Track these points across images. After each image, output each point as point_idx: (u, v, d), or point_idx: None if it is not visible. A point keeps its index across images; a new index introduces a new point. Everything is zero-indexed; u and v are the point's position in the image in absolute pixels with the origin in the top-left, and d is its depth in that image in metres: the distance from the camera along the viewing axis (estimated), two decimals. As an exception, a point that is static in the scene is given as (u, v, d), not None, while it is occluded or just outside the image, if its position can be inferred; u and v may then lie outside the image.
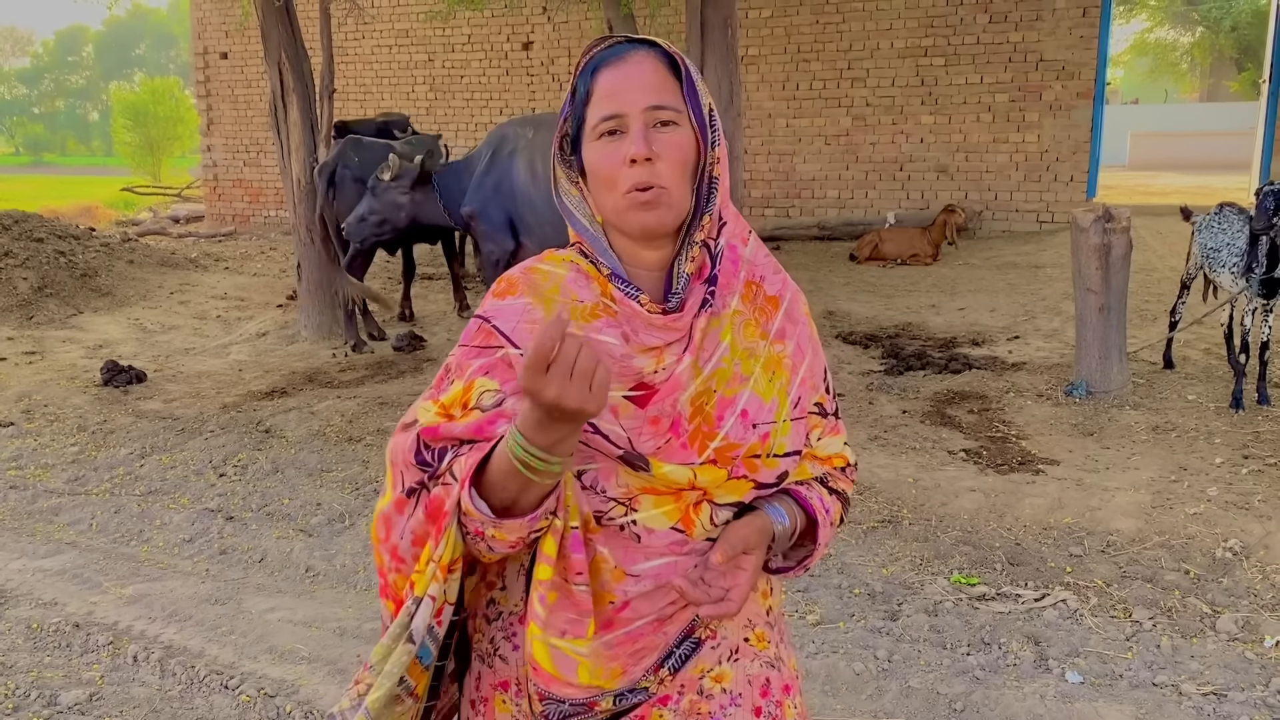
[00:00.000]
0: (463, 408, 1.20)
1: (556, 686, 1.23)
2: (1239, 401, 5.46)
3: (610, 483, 1.21)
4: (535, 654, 1.22)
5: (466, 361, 1.24)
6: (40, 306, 9.19)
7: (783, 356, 1.28)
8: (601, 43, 1.27)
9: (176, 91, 42.47)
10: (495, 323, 1.24)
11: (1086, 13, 10.79)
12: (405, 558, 1.22)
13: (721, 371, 1.23)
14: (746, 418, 1.23)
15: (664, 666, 1.25)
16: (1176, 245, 9.84)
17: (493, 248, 7.08)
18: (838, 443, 1.39)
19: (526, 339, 1.20)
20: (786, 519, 1.28)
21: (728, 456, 1.22)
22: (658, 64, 1.24)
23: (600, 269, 1.26)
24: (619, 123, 1.22)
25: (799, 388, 1.29)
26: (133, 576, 4.08)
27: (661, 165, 1.21)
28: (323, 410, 6.09)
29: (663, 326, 1.22)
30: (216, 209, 16.28)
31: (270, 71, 8.18)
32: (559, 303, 1.24)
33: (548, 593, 1.19)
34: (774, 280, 1.32)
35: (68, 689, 3.23)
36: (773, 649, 1.36)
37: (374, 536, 1.26)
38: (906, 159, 11.86)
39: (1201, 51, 32.85)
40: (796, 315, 1.33)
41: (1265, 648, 3.30)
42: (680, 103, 1.23)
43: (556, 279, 1.27)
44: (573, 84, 1.27)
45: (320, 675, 3.29)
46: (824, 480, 1.37)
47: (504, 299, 1.26)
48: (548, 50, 13.66)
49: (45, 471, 5.29)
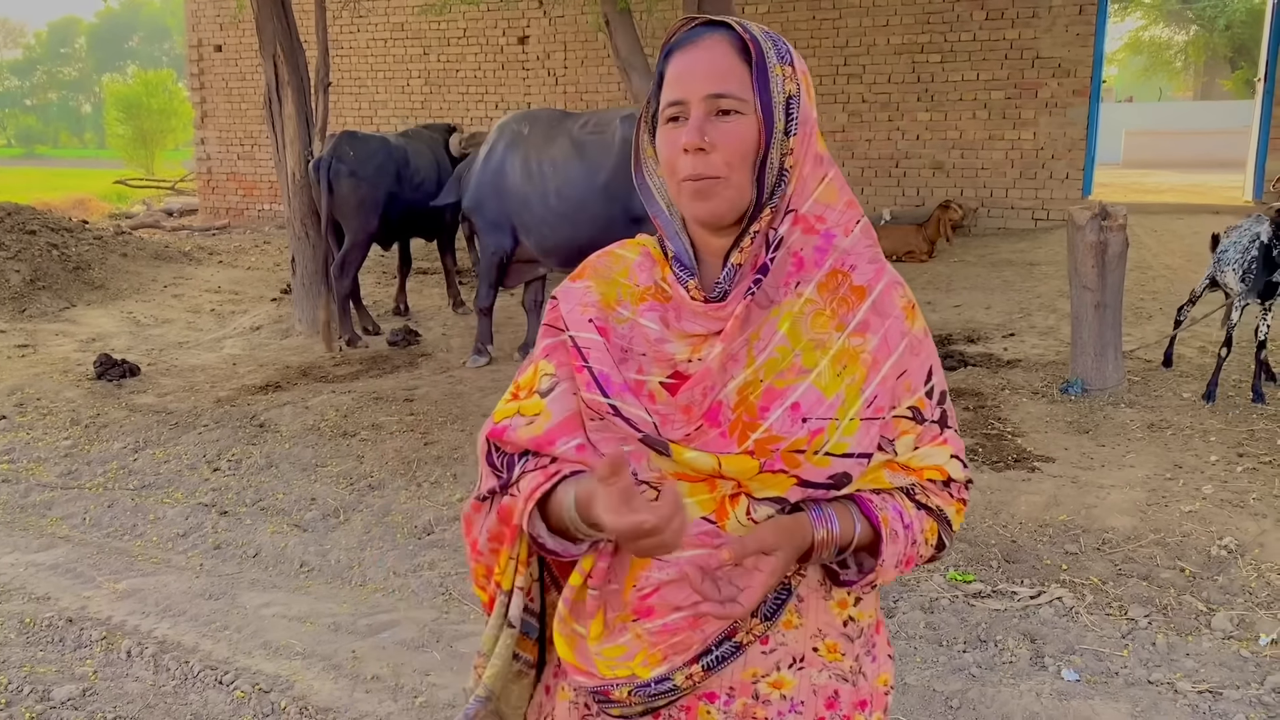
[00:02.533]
0: (529, 392, 1.28)
1: (577, 674, 1.27)
2: (1212, 394, 5.60)
3: (641, 465, 1.21)
4: (558, 644, 1.28)
5: (540, 341, 1.32)
6: (33, 299, 9.15)
7: (860, 351, 1.20)
8: (684, 24, 1.25)
9: (170, 84, 42.35)
10: (560, 304, 1.30)
11: (1083, 10, 10.80)
12: (484, 552, 1.33)
13: (774, 362, 1.18)
14: (797, 411, 1.17)
15: (698, 663, 1.22)
16: (1171, 243, 9.87)
17: (490, 243, 7.06)
18: (942, 454, 1.27)
19: (576, 322, 1.27)
20: (836, 525, 1.20)
21: (767, 449, 1.16)
22: (729, 49, 1.20)
23: (666, 251, 1.27)
24: (680, 109, 1.20)
25: (878, 385, 1.20)
26: (126, 571, 4.06)
27: (716, 155, 1.18)
28: (317, 405, 6.07)
29: (703, 314, 1.21)
30: (210, 202, 16.23)
31: (265, 65, 8.14)
32: (619, 285, 1.28)
33: (573, 595, 1.25)
34: (865, 270, 1.23)
35: (61, 684, 3.21)
36: (849, 662, 1.29)
37: (464, 532, 1.37)
38: (902, 156, 11.85)
39: (1196, 50, 32.90)
40: (887, 309, 1.23)
41: (1260, 646, 3.30)
42: (746, 90, 1.19)
43: (626, 262, 1.31)
44: (657, 66, 1.27)
45: (315, 670, 3.28)
46: (910, 492, 1.28)
47: (573, 282, 1.32)
48: (544, 44, 13.62)
49: (38, 466, 5.27)
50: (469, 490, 4.73)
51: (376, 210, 7.76)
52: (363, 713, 3.05)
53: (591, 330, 1.24)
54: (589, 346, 1.23)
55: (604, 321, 1.25)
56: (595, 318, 1.25)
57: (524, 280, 7.15)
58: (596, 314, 1.25)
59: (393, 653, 3.39)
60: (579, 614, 1.26)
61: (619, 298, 1.27)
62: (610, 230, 6.35)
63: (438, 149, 8.47)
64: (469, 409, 5.97)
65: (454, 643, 3.46)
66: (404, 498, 4.72)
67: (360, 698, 3.13)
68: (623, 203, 6.26)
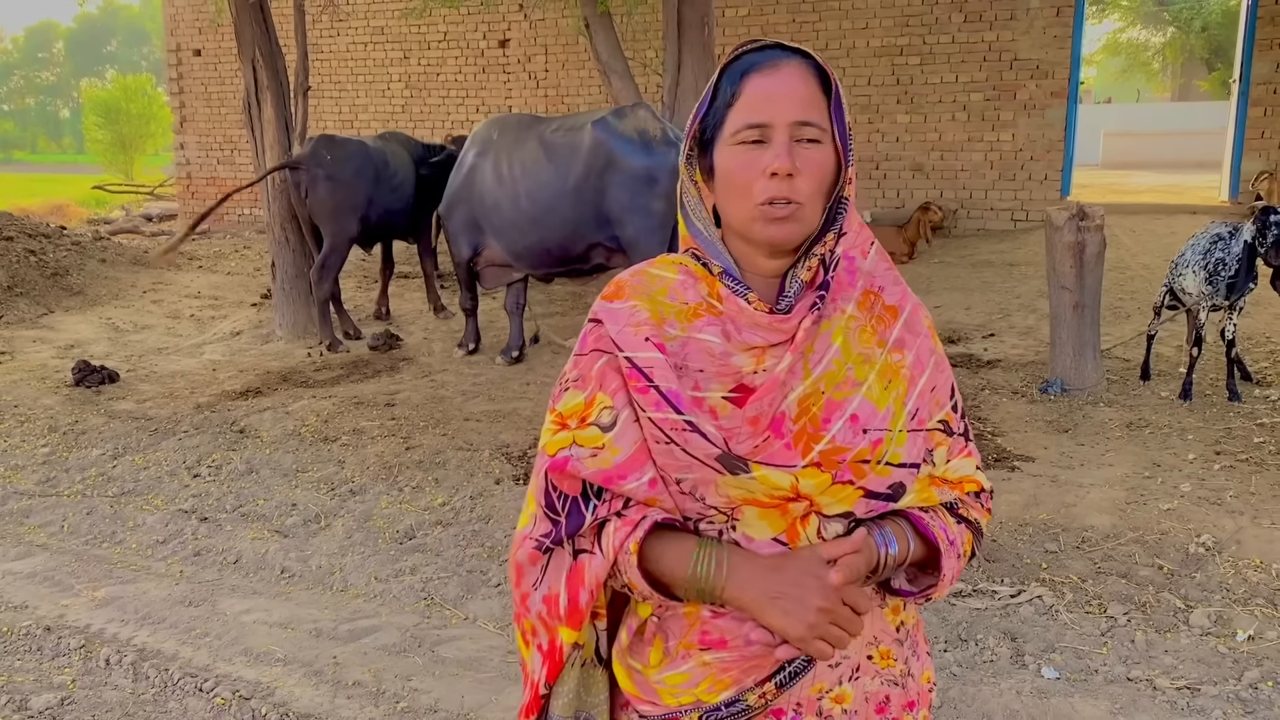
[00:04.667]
0: (580, 422, 1.22)
1: (641, 704, 1.28)
2: (1188, 392, 5.66)
3: (710, 490, 1.21)
4: (619, 676, 1.29)
5: (583, 370, 1.26)
6: (10, 306, 9.07)
7: (900, 366, 1.25)
8: (751, 46, 1.25)
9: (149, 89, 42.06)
10: (606, 326, 1.26)
11: (1060, 12, 10.88)
12: (533, 609, 1.27)
13: (831, 374, 1.21)
14: (856, 422, 1.20)
15: (771, 680, 1.23)
16: (1149, 243, 9.95)
17: (453, 250, 7.11)
18: (969, 465, 1.33)
19: (630, 342, 1.23)
20: (896, 546, 1.24)
21: (834, 460, 1.19)
22: (809, 77, 1.22)
23: (711, 268, 1.27)
24: (763, 132, 1.20)
25: (917, 399, 1.25)
26: (105, 579, 4.04)
27: (800, 181, 1.19)
28: (298, 410, 6.05)
29: (767, 326, 1.22)
30: (190, 207, 16.12)
31: (244, 69, 8.12)
32: (661, 303, 1.26)
33: (637, 625, 1.27)
34: (893, 291, 1.29)
35: (39, 693, 3.18)
36: (899, 666, 1.33)
37: (511, 577, 1.31)
38: (882, 158, 11.91)
39: (1173, 51, 33.15)
40: (917, 327, 1.29)
41: (1237, 642, 3.33)
42: (826, 120, 1.22)
43: (665, 282, 1.29)
44: (714, 84, 1.25)
45: (296, 677, 3.26)
46: (953, 508, 1.32)
47: (612, 302, 1.28)
48: (524, 48, 13.62)
49: (15, 473, 5.23)
50: (451, 495, 4.73)
51: (356, 214, 7.75)
52: (344, 718, 3.04)
53: (651, 349, 1.22)
54: (651, 365, 1.21)
55: (659, 339, 1.23)
56: (651, 336, 1.23)
57: (502, 283, 7.16)
58: (651, 332, 1.23)
59: (374, 658, 3.38)
60: (635, 646, 1.28)
61: (664, 316, 1.25)
62: (580, 232, 6.38)
63: (414, 152, 8.48)
64: (451, 413, 5.96)
65: (436, 647, 3.45)
66: (385, 503, 4.70)
67: (342, 704, 3.11)
68: (592, 205, 6.27)
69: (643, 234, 6.13)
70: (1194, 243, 5.73)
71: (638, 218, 6.15)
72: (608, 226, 6.31)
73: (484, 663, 3.35)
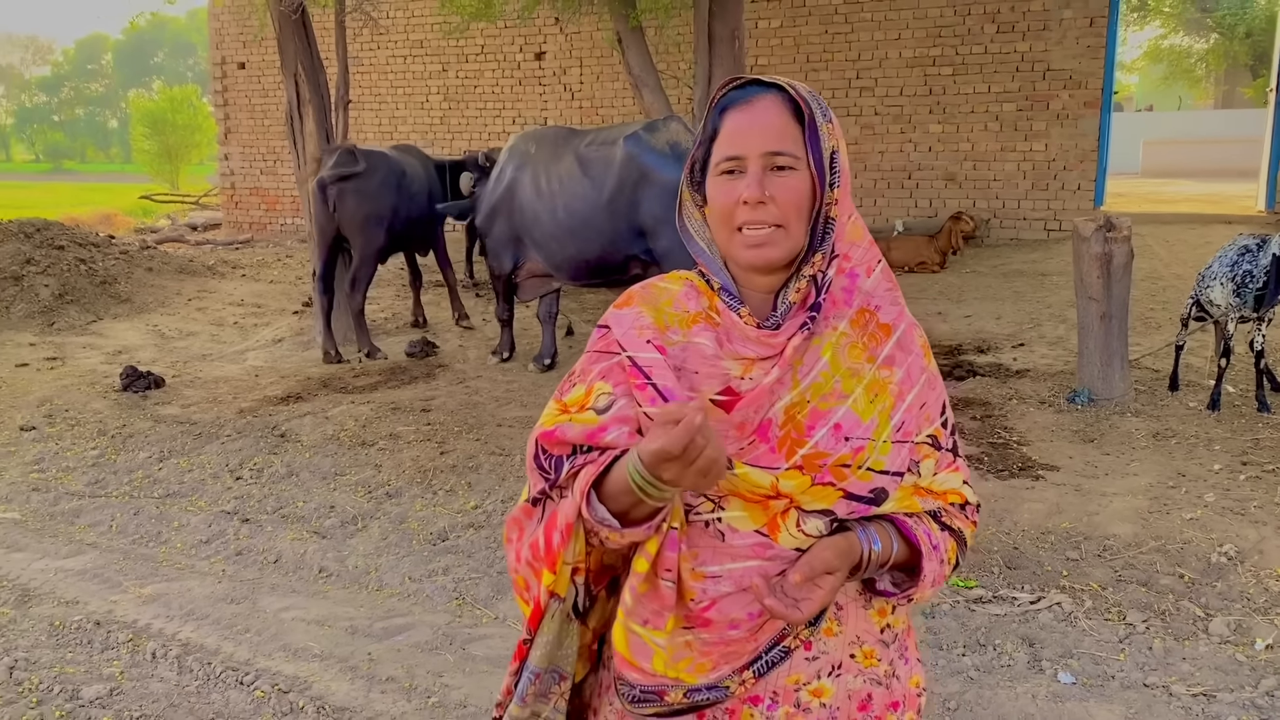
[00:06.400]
0: (580, 408, 1.32)
1: (630, 671, 1.33)
2: (1216, 403, 5.67)
3: None
4: (616, 638, 1.33)
5: (589, 366, 1.38)
6: (61, 313, 9.35)
7: (889, 381, 1.32)
8: (733, 83, 1.35)
9: (195, 100, 42.83)
10: (613, 330, 1.38)
11: (1094, 23, 10.86)
12: (523, 564, 1.35)
13: (818, 385, 1.29)
14: (839, 430, 1.27)
15: (750, 669, 1.32)
16: (1183, 254, 9.88)
17: (493, 264, 7.25)
18: (956, 479, 1.39)
19: (633, 343, 1.34)
20: (879, 544, 1.30)
21: (815, 464, 1.26)
22: (782, 109, 1.30)
23: (712, 284, 1.37)
24: (738, 164, 1.30)
25: (904, 413, 1.32)
26: (151, 576, 4.20)
27: (774, 207, 1.28)
28: (337, 415, 6.21)
29: (756, 340, 1.31)
30: (234, 217, 16.46)
31: (286, 82, 8.32)
32: (666, 312, 1.37)
33: (639, 584, 1.28)
34: (889, 310, 1.35)
35: (89, 684, 3.33)
36: (884, 666, 1.38)
37: (505, 536, 1.39)
38: (915, 167, 11.93)
39: (1216, 58, 32.73)
40: (909, 345, 1.35)
41: (1255, 650, 3.36)
42: (800, 148, 1.30)
43: (670, 293, 1.40)
44: (704, 119, 1.37)
45: (332, 672, 3.39)
46: (937, 515, 1.38)
47: (621, 309, 1.40)
48: (560, 60, 13.79)
49: (67, 474, 5.42)
50: (484, 498, 4.85)
51: (383, 224, 7.87)
52: (378, 712, 3.16)
53: (651, 350, 1.32)
54: (651, 365, 1.31)
55: (660, 342, 1.33)
56: (652, 338, 1.33)
57: (539, 294, 7.29)
58: (653, 335, 1.34)
59: (407, 655, 3.50)
60: (644, 604, 1.29)
61: (667, 323, 1.36)
62: (616, 245, 6.49)
63: (428, 164, 8.65)
64: (484, 419, 6.09)
65: (466, 645, 3.57)
66: (420, 506, 4.83)
67: (375, 698, 3.23)
68: (627, 217, 6.38)
69: (676, 246, 6.22)
70: (1222, 255, 5.74)
71: (671, 230, 6.24)
72: (642, 239, 6.42)
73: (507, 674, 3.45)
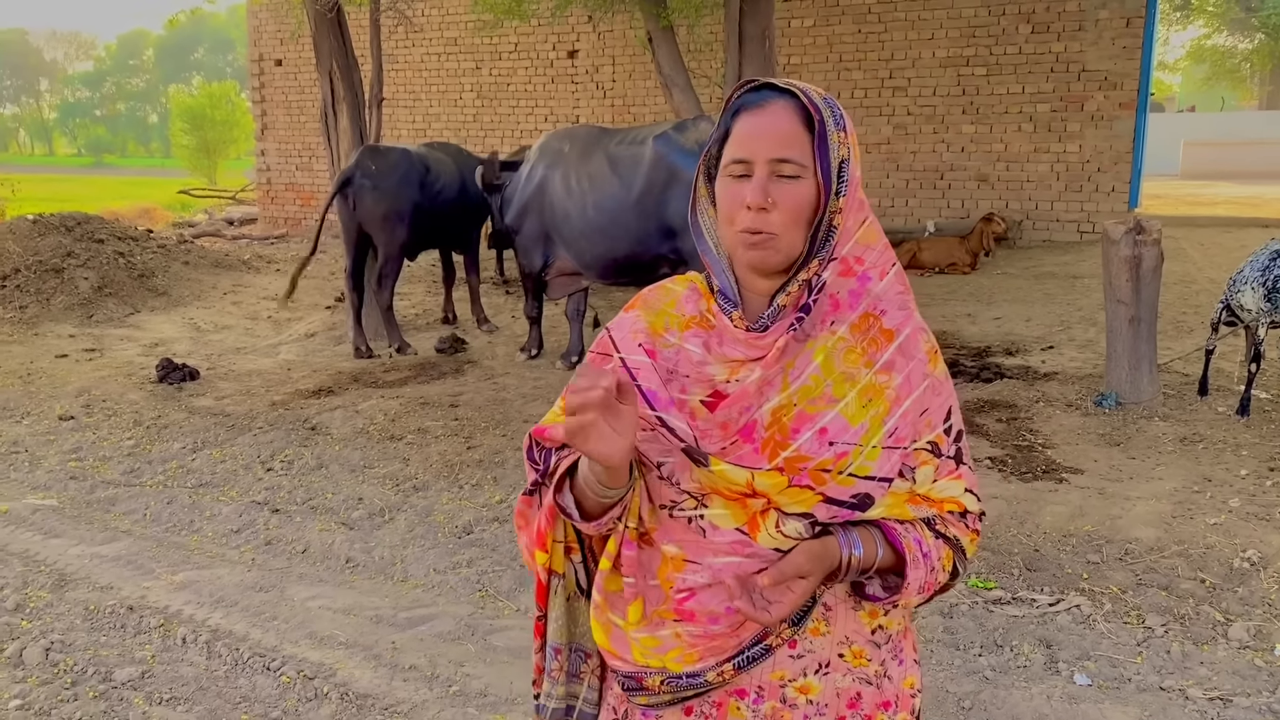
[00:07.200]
0: None
1: (613, 660, 1.41)
2: (1245, 408, 5.63)
3: (685, 476, 1.35)
4: (595, 632, 1.41)
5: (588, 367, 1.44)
6: (100, 305, 9.54)
7: (885, 387, 1.31)
8: (748, 85, 1.38)
9: (233, 95, 43.39)
10: (612, 333, 1.43)
11: (1130, 23, 10.75)
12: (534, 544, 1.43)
13: (807, 389, 1.29)
14: (824, 435, 1.28)
15: (730, 662, 1.35)
16: (1217, 257, 9.78)
17: (523, 262, 7.31)
18: (957, 488, 1.38)
19: (627, 346, 1.38)
20: (861, 549, 1.30)
21: (796, 467, 1.27)
22: (793, 116, 1.30)
23: (711, 286, 1.41)
24: (745, 168, 1.31)
25: (899, 419, 1.31)
26: (183, 564, 4.30)
27: (775, 214, 1.29)
28: (366, 409, 6.30)
29: (744, 342, 1.33)
30: (269, 212, 16.68)
31: (321, 80, 8.44)
32: (667, 315, 1.41)
33: (604, 581, 1.38)
34: (896, 315, 1.35)
35: (122, 667, 3.43)
36: (874, 666, 1.39)
37: (515, 525, 1.48)
38: (947, 168, 11.87)
39: (1261, 58, 32.24)
40: (913, 351, 1.34)
41: (1275, 655, 3.35)
42: (807, 156, 1.30)
43: (674, 295, 1.44)
44: (719, 118, 1.40)
45: (357, 660, 3.46)
46: (930, 523, 1.37)
47: (625, 313, 1.45)
48: (592, 58, 13.85)
49: (103, 464, 5.55)
50: (509, 493, 4.92)
51: (404, 220, 7.88)
52: (400, 699, 3.23)
53: (640, 353, 1.36)
54: (638, 367, 1.34)
55: (652, 346, 1.37)
56: (644, 342, 1.37)
57: (568, 292, 7.35)
58: (645, 339, 1.38)
59: (430, 644, 3.57)
60: (614, 603, 1.38)
61: (666, 326, 1.39)
62: (645, 243, 6.53)
63: (466, 162, 8.59)
64: (511, 415, 6.16)
65: (488, 636, 3.63)
66: (446, 499, 4.91)
67: (398, 685, 3.30)
68: (656, 216, 6.42)
69: None
70: (1253, 259, 5.69)
71: None
72: (671, 238, 6.46)
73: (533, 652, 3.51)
